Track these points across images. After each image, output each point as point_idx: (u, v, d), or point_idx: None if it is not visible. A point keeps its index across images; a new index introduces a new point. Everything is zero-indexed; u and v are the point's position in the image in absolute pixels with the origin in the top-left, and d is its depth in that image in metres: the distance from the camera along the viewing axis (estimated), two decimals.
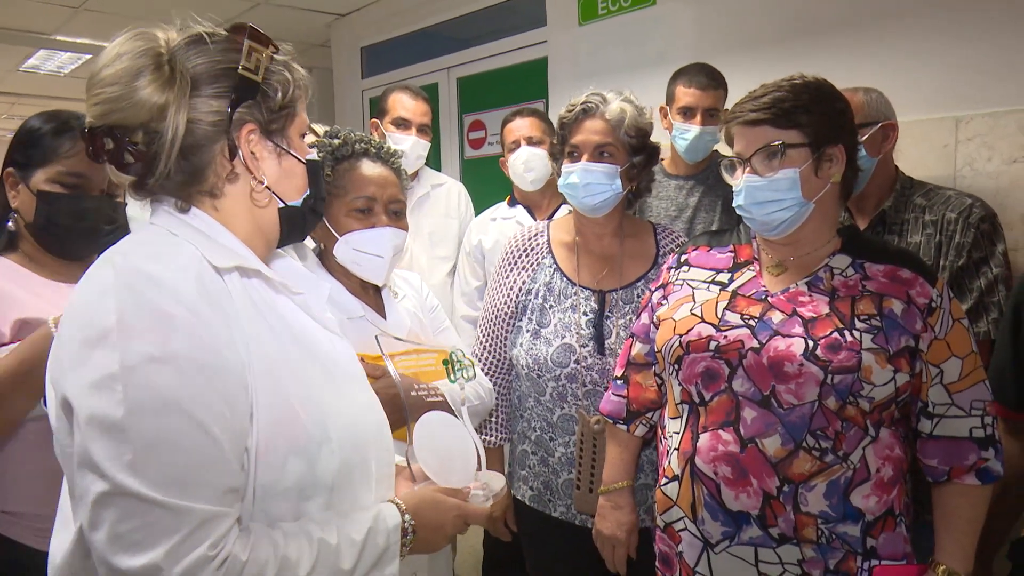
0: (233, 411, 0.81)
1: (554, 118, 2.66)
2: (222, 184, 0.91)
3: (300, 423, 0.87)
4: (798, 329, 1.23)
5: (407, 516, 0.98)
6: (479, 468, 1.14)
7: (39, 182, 1.34)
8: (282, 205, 0.96)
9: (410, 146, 2.54)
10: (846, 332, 1.20)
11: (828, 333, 1.21)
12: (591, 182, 1.62)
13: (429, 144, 2.67)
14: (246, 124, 0.89)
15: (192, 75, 0.86)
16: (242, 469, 0.83)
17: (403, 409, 1.29)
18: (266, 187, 0.93)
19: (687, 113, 2.24)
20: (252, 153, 0.91)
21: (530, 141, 2.47)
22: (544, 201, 2.54)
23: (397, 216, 1.50)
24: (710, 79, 2.23)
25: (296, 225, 0.99)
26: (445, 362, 1.24)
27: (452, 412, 1.27)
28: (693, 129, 2.22)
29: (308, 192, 0.99)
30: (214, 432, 0.79)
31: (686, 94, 2.24)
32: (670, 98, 2.30)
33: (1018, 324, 1.41)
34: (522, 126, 2.52)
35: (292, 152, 0.95)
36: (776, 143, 1.24)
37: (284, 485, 0.86)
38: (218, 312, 0.83)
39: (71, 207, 1.35)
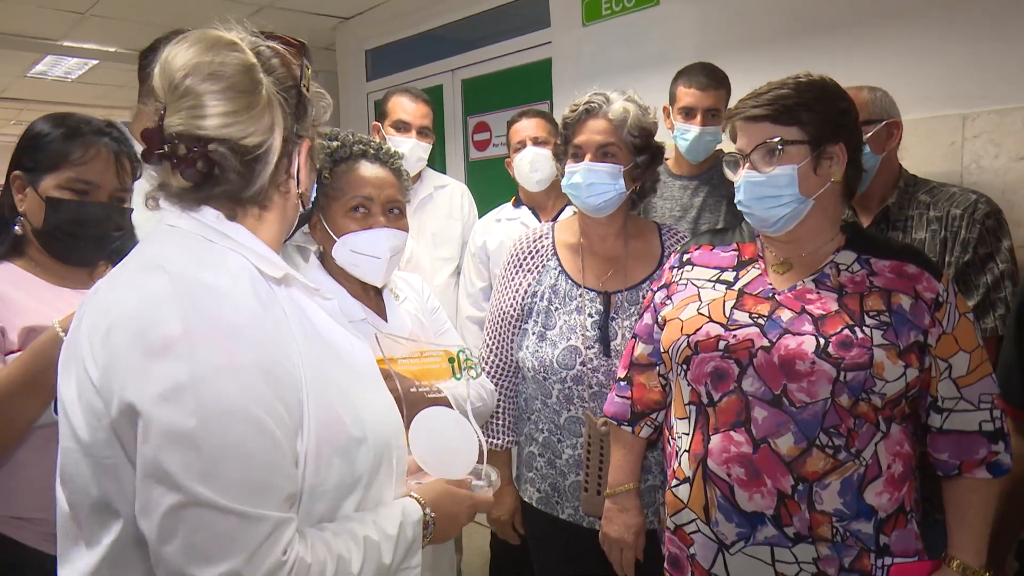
0: (292, 416, 0.83)
1: (558, 119, 2.67)
2: (273, 195, 0.93)
3: (343, 424, 0.89)
4: (808, 327, 1.23)
5: (427, 509, 1.01)
6: (481, 461, 1.15)
7: (48, 187, 1.34)
8: (302, 211, 1.00)
9: (410, 148, 2.54)
10: (856, 328, 1.20)
11: (839, 330, 1.21)
12: (594, 182, 1.62)
13: (430, 146, 2.67)
14: (305, 140, 0.93)
15: (280, 90, 0.89)
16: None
17: (401, 406, 1.30)
18: (303, 199, 0.97)
19: (687, 113, 2.24)
20: (300, 168, 0.95)
21: (536, 142, 2.47)
22: (549, 202, 2.54)
23: (396, 217, 1.49)
24: (710, 79, 2.23)
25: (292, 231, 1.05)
26: (451, 360, 1.24)
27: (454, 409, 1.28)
28: (693, 129, 2.22)
29: (314, 199, 1.03)
30: (279, 438, 0.80)
31: (686, 94, 2.24)
32: (672, 98, 2.30)
33: (1022, 323, 1.40)
34: (528, 127, 2.51)
35: (317, 166, 1.01)
36: (775, 139, 1.24)
37: (328, 485, 0.88)
38: (273, 318, 0.85)
39: (80, 213, 1.35)
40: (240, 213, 0.91)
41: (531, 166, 2.44)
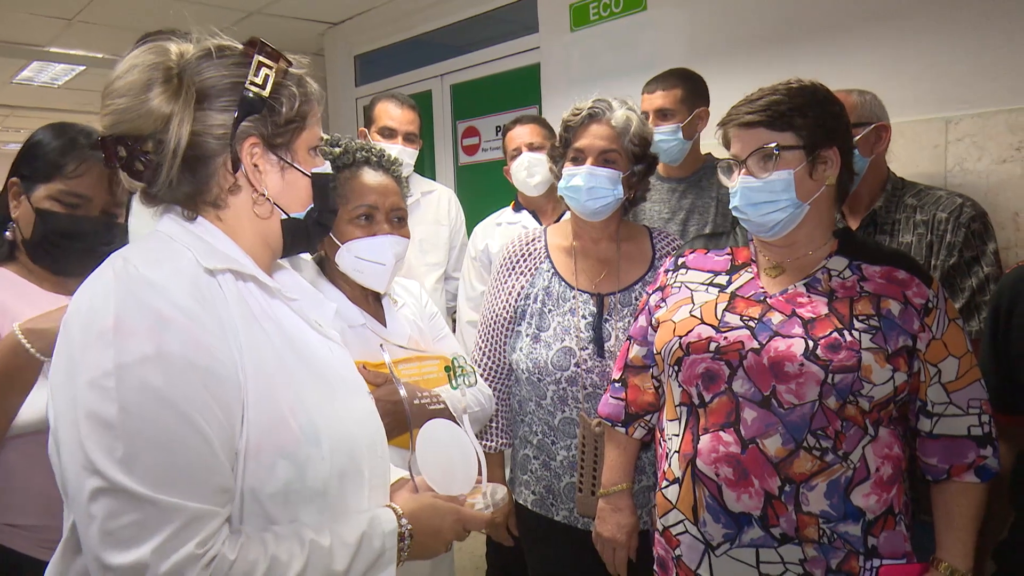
0: (225, 412, 0.83)
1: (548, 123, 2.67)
2: (225, 195, 0.93)
3: (289, 427, 0.88)
4: (798, 330, 1.24)
5: (404, 521, 0.99)
6: (480, 477, 1.13)
7: (40, 198, 1.34)
8: (285, 217, 0.97)
9: (395, 155, 2.55)
10: (845, 332, 1.22)
11: (828, 333, 1.22)
12: (594, 186, 1.64)
13: (417, 152, 2.68)
14: (249, 137, 0.91)
15: (200, 88, 0.89)
16: (232, 470, 0.85)
17: (406, 417, 1.30)
18: (267, 199, 0.95)
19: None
20: (255, 166, 0.93)
21: (531, 147, 2.49)
22: (549, 206, 2.55)
23: (399, 224, 1.51)
24: (658, 82, 2.27)
25: (300, 236, 1.01)
26: (447, 368, 1.23)
27: (453, 419, 1.27)
28: None
29: (312, 205, 1.00)
30: (206, 431, 0.81)
31: (641, 101, 2.29)
32: None
33: (997, 326, 1.42)
34: (523, 133, 2.53)
35: (295, 165, 0.97)
36: (771, 145, 1.25)
37: (272, 489, 0.87)
38: (212, 314, 0.85)
39: (69, 227, 1.34)
40: (202, 213, 0.94)
41: (528, 171, 2.46)
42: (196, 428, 0.80)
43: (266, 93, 0.91)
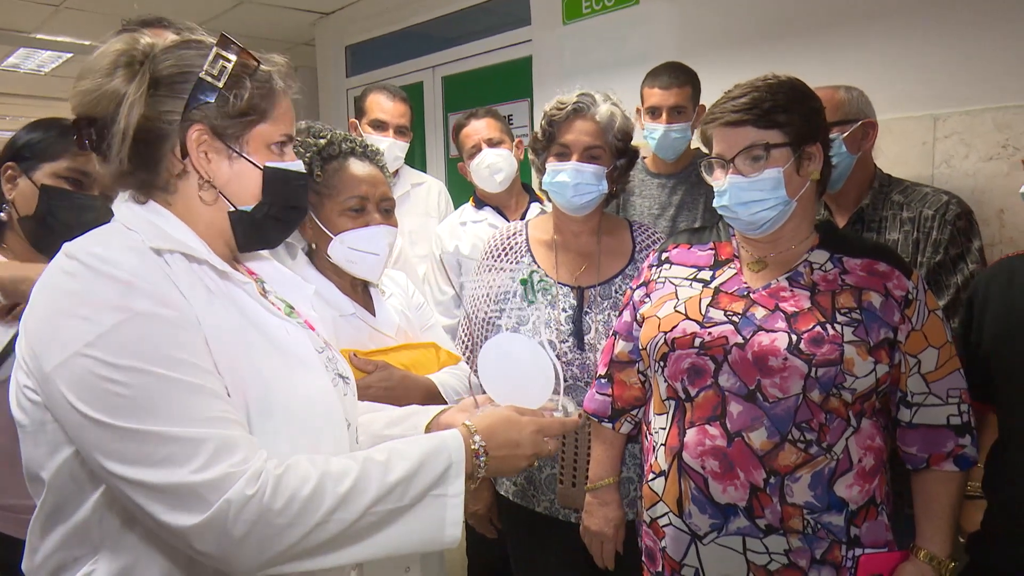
0: (207, 357, 0.86)
1: (539, 117, 2.65)
2: (174, 181, 0.95)
3: (246, 394, 0.90)
4: (781, 324, 1.25)
5: (477, 437, 0.99)
6: (556, 391, 1.08)
7: (44, 176, 1.38)
8: (232, 209, 0.97)
9: (387, 148, 2.50)
10: (828, 325, 1.23)
11: (811, 327, 1.23)
12: (580, 182, 1.64)
13: (407, 145, 2.65)
14: (197, 124, 0.93)
15: (157, 75, 0.91)
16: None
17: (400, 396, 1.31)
18: (212, 185, 0.95)
19: (653, 113, 2.28)
20: (204, 154, 0.94)
21: (491, 143, 2.40)
22: (512, 200, 2.48)
23: (388, 214, 1.52)
24: (672, 78, 2.26)
25: (251, 231, 1.00)
26: (523, 281, 1.19)
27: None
28: (659, 128, 2.25)
29: (262, 200, 0.99)
30: (193, 377, 0.83)
31: (651, 94, 2.28)
32: (641, 99, 2.33)
33: (970, 321, 1.43)
34: (480, 128, 2.44)
35: (245, 155, 0.97)
36: (760, 143, 1.25)
37: None
38: (167, 281, 0.88)
39: (72, 203, 1.38)
40: (153, 198, 0.96)
41: (491, 168, 2.38)
42: (187, 372, 0.83)
43: (220, 84, 0.92)
